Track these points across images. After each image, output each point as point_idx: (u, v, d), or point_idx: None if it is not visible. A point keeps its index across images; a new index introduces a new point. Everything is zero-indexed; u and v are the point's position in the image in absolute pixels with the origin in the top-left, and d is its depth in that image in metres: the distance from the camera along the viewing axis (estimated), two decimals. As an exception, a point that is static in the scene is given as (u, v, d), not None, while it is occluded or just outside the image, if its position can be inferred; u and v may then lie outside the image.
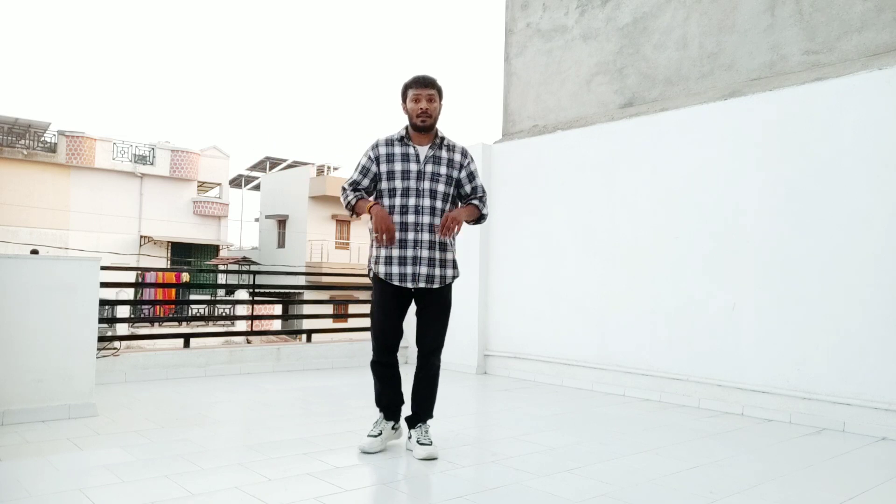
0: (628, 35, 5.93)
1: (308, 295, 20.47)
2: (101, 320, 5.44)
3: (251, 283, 16.94)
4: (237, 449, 3.41)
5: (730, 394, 4.66)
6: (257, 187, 34.41)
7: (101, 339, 5.27)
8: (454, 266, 3.36)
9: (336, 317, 8.05)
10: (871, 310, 4.07)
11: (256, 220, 33.86)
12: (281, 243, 30.47)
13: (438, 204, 3.23)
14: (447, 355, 6.53)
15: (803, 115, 4.46)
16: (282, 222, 30.53)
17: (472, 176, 3.38)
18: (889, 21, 4.43)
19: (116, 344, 5.63)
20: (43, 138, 25.55)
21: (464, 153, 3.37)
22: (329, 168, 32.06)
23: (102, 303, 5.01)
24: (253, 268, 26.33)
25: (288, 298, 17.33)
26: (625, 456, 3.39)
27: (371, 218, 3.18)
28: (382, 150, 3.26)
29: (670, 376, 5.02)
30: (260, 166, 34.49)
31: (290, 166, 32.79)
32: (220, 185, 29.91)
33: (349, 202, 3.28)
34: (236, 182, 35.20)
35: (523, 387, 5.65)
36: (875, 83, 4.16)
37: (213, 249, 28.43)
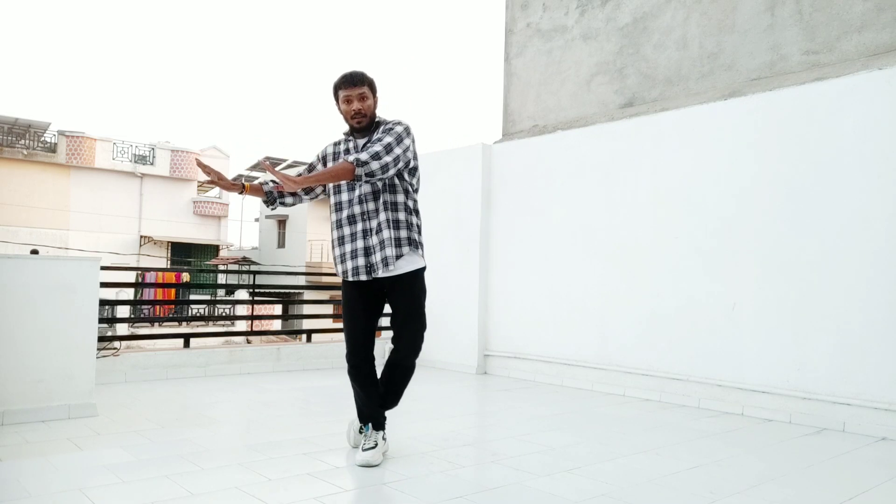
0: (628, 35, 5.93)
1: (308, 295, 20.46)
2: (101, 320, 5.44)
3: (251, 283, 16.94)
4: (237, 449, 3.41)
5: (730, 394, 4.66)
6: (257, 187, 34.33)
7: (101, 339, 5.27)
8: (409, 244, 3.08)
9: (336, 317, 8.03)
10: (870, 310, 4.07)
11: (256, 220, 33.87)
12: (281, 243, 30.47)
13: (367, 188, 3.04)
14: (447, 355, 6.59)
15: (803, 115, 4.46)
16: (282, 222, 30.54)
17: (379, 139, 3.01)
18: (889, 21, 4.43)
19: (116, 344, 5.63)
20: (43, 138, 25.54)
21: (386, 125, 3.09)
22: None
23: (102, 303, 5.01)
24: (253, 268, 26.33)
25: (288, 298, 17.32)
26: (625, 456, 3.39)
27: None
28: (329, 150, 3.21)
29: (670, 376, 5.02)
30: (260, 166, 34.48)
31: (289, 166, 32.74)
32: (220, 185, 29.85)
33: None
34: (236, 182, 35.14)
35: (523, 387, 5.66)
36: (875, 83, 4.16)
37: (213, 249, 28.42)
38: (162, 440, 3.48)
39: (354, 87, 3.03)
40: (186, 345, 6.07)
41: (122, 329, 14.64)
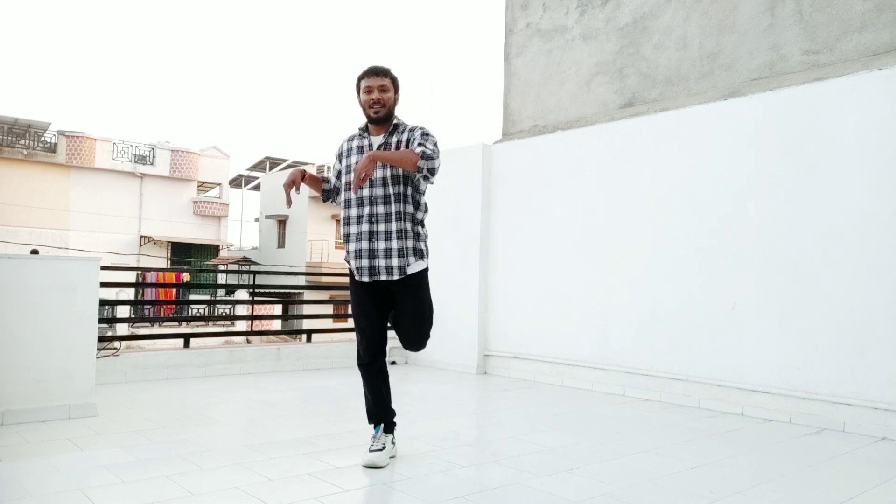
0: (628, 35, 5.93)
1: (308, 295, 20.46)
2: (101, 320, 5.44)
3: (251, 283, 16.95)
4: (237, 449, 3.41)
5: (730, 394, 4.66)
6: (257, 187, 34.43)
7: (101, 339, 5.26)
8: (414, 255, 3.08)
9: (336, 317, 8.04)
10: (870, 310, 4.07)
11: (256, 220, 33.88)
12: (281, 243, 30.48)
13: (381, 191, 3.04)
14: (447, 355, 6.58)
15: (803, 115, 4.46)
16: (282, 222, 30.54)
17: (415, 138, 3.07)
18: (889, 21, 4.43)
19: (116, 344, 5.62)
20: (43, 138, 25.53)
21: (412, 129, 3.12)
22: (329, 168, 32.06)
23: (102, 303, 5.01)
24: (253, 268, 26.33)
25: (288, 298, 17.32)
26: (625, 456, 3.39)
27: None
28: (344, 146, 3.23)
29: (670, 376, 5.01)
30: (260, 166, 34.49)
31: (290, 166, 32.79)
32: (220, 185, 29.90)
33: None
34: (236, 182, 35.20)
35: (523, 387, 5.65)
36: (875, 83, 4.16)
37: (213, 249, 28.42)
38: (162, 440, 3.48)
39: (377, 76, 3.08)
40: (186, 345, 6.07)
41: (122, 329, 14.64)
